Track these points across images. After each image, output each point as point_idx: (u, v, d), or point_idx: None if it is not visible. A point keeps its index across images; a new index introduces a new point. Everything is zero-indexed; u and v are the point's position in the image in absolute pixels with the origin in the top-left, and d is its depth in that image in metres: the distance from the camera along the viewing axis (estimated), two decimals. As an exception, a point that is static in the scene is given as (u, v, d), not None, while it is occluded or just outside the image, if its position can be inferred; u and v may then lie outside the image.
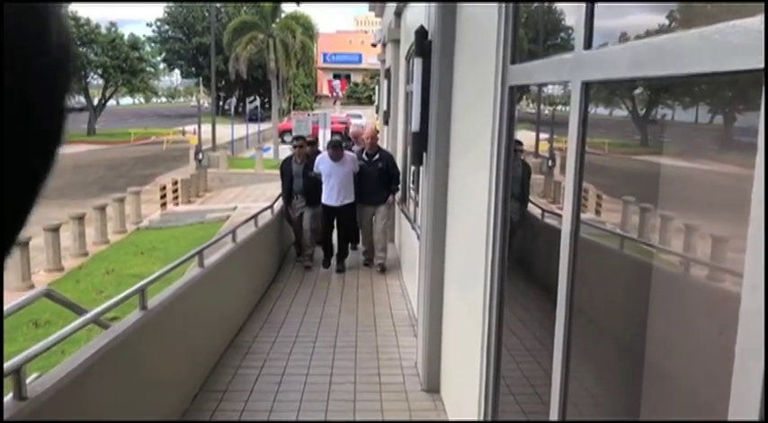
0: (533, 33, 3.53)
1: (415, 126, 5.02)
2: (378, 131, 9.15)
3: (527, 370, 3.63)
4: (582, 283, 2.20)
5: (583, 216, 2.57)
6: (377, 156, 8.75)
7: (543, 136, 3.98)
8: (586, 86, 2.06)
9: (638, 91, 2.41)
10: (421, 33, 4.93)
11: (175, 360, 4.43)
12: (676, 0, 1.94)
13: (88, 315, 3.27)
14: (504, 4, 3.07)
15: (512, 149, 3.16)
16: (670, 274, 2.13)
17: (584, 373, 2.47)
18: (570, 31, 2.28)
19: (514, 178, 3.28)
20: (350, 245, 9.28)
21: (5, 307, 3.19)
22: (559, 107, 3.31)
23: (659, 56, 1.52)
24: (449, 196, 4.70)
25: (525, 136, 3.78)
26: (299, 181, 8.97)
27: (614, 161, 2.78)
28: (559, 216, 2.34)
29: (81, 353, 3.06)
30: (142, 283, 3.89)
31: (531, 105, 4.17)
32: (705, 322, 1.80)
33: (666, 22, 1.90)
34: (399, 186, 9.12)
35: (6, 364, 2.46)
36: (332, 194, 8.55)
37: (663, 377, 2.00)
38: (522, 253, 3.60)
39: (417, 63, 4.88)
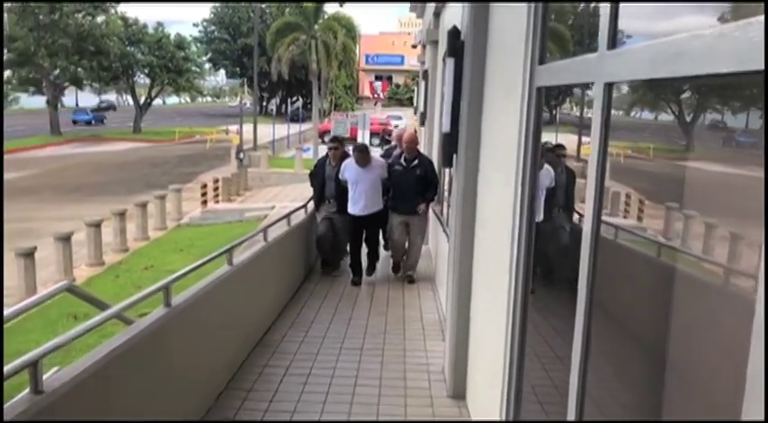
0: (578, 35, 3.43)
1: (445, 127, 4.95)
2: (417, 136, 8.56)
3: (558, 379, 3.53)
4: (616, 291, 2.12)
5: (624, 222, 2.49)
6: (415, 161, 8.09)
7: (586, 140, 3.87)
8: (609, 87, 1.97)
9: (685, 95, 2.29)
10: (454, 33, 4.86)
11: (199, 358, 4.45)
12: (684, 0, 1.84)
13: (110, 311, 3.29)
14: (533, 4, 2.98)
15: (538, 152, 3.07)
16: (710, 284, 2.03)
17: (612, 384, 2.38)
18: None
19: (559, 186, 3.09)
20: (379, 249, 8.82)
21: (27, 300, 3.23)
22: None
23: (680, 55, 1.43)
24: (478, 199, 4.62)
25: (568, 140, 3.68)
26: (331, 184, 8.39)
27: (658, 166, 2.67)
28: (608, 224, 2.23)
29: (101, 348, 3.08)
30: (166, 280, 3.91)
31: (574, 108, 4.06)
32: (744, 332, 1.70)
33: (718, 24, 1.81)
34: (436, 196, 8.54)
35: (23, 358, 2.48)
36: (358, 202, 7.98)
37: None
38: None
39: (449, 63, 4.81)
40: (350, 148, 8.68)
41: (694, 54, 1.35)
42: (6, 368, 2.42)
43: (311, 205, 8.91)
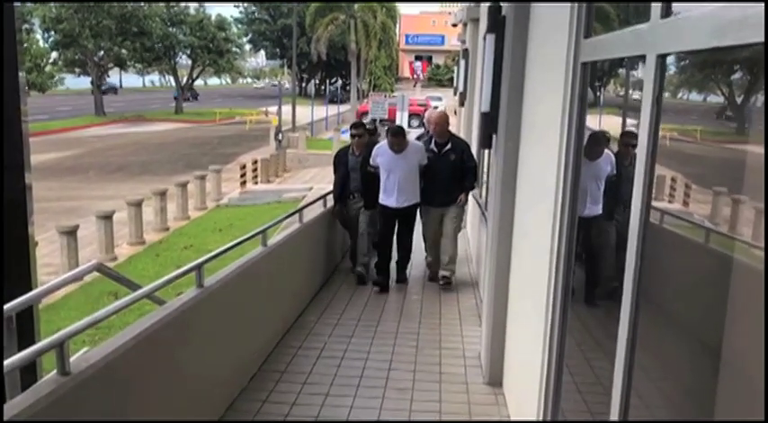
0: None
1: (484, 106, 4.79)
2: (447, 116, 7.49)
3: (599, 369, 3.38)
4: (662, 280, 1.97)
5: (670, 206, 2.32)
6: (448, 145, 7.05)
7: (631, 122, 3.66)
8: (662, 60, 1.81)
9: (736, 76, 2.10)
10: (495, 8, 4.67)
11: (232, 339, 4.41)
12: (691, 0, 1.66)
13: (140, 291, 3.25)
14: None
15: (583, 132, 2.90)
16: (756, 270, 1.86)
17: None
18: None
19: (626, 180, 2.72)
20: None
21: (58, 279, 3.21)
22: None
23: (744, 22, 1.27)
24: (518, 181, 4.46)
25: (612, 122, 3.49)
26: (356, 177, 7.34)
27: (706, 150, 2.47)
28: (654, 209, 2.07)
29: (131, 329, 3.04)
30: (198, 260, 3.86)
31: (619, 88, 3.86)
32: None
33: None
34: (475, 183, 7.56)
35: (51, 339, 2.45)
36: (392, 193, 6.95)
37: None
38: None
39: (489, 39, 4.64)
40: (381, 134, 7.84)
41: (759, 20, 1.19)
42: (33, 348, 2.39)
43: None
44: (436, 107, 33.10)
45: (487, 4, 8.30)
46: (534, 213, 3.76)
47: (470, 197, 7.87)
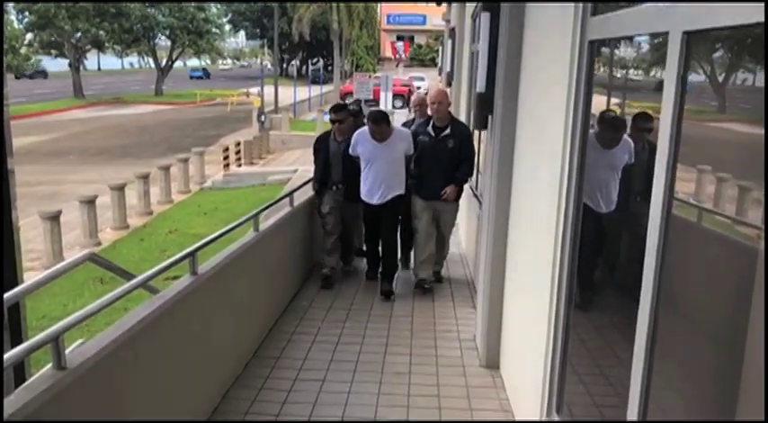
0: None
1: (480, 87, 4.70)
2: (446, 93, 6.79)
3: (594, 350, 3.35)
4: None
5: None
6: (447, 129, 6.13)
7: (614, 101, 3.60)
8: (688, 37, 1.74)
9: (717, 54, 2.04)
10: (490, -14, 4.57)
11: (227, 326, 4.34)
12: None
13: (134, 281, 3.15)
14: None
15: (589, 115, 2.84)
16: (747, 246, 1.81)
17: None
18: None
19: (638, 166, 2.44)
20: (399, 257, 6.84)
21: (51, 270, 3.10)
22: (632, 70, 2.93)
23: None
24: (515, 162, 4.40)
25: (596, 101, 3.41)
26: (337, 165, 6.49)
27: (688, 128, 2.42)
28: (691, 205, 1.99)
29: (126, 320, 2.95)
30: (192, 247, 3.77)
31: (602, 69, 3.79)
32: None
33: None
34: (469, 176, 6.66)
35: (45, 333, 2.36)
36: (372, 187, 6.12)
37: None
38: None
39: (485, 18, 4.54)
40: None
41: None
42: (28, 343, 2.30)
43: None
44: (419, 87, 32.81)
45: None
46: (536, 194, 3.70)
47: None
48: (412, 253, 6.77)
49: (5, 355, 2.21)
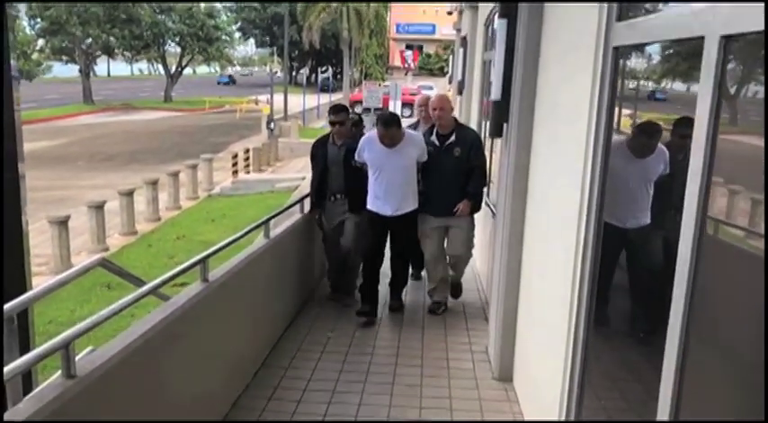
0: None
1: (495, 94, 4.63)
2: (448, 98, 6.26)
3: (612, 364, 3.27)
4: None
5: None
6: (452, 137, 5.63)
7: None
8: (726, 41, 1.67)
9: (729, 66, 1.96)
10: (507, -7, 4.52)
11: (236, 334, 4.27)
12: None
13: (145, 288, 3.10)
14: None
15: (612, 122, 2.77)
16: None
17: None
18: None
19: (676, 178, 2.17)
20: (410, 272, 6.37)
21: (62, 275, 3.05)
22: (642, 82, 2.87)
23: None
24: (530, 171, 4.33)
25: None
26: (338, 173, 5.83)
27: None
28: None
29: (137, 327, 2.89)
30: (203, 254, 3.70)
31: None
32: None
33: None
34: (483, 187, 6.02)
35: (54, 341, 2.30)
36: (384, 198, 5.52)
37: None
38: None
39: (501, 25, 4.48)
40: (366, 126, 6.46)
41: None
42: (37, 351, 2.24)
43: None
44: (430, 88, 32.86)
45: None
46: (554, 204, 3.63)
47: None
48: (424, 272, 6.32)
49: (14, 363, 2.14)
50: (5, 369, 2.11)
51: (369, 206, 5.62)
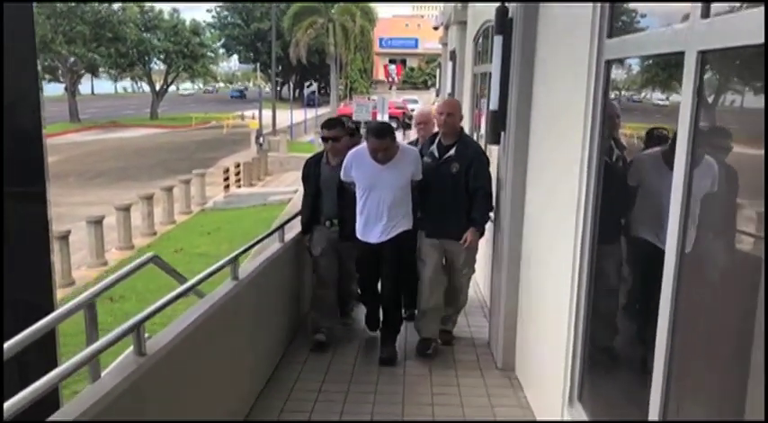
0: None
1: (493, 105, 5.02)
2: (459, 103, 5.66)
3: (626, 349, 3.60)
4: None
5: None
6: (452, 150, 5.07)
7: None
8: (702, 56, 2.04)
9: (707, 76, 2.32)
10: (502, 10, 4.91)
11: (261, 329, 4.61)
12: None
13: (187, 284, 3.46)
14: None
15: (604, 132, 3.13)
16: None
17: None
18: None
19: (714, 195, 2.09)
20: (404, 310, 5.47)
21: (119, 272, 3.40)
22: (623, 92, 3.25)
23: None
24: (528, 175, 4.70)
25: None
26: (330, 195, 5.21)
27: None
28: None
29: (187, 316, 3.25)
30: (233, 254, 4.04)
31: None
32: None
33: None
34: (490, 211, 5.19)
35: (127, 323, 2.65)
36: (369, 221, 4.87)
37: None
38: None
39: (497, 41, 4.87)
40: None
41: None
42: (115, 332, 2.58)
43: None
44: (413, 109, 33.21)
45: (475, 6, 8.55)
46: (551, 205, 4.00)
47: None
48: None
49: (95, 345, 2.47)
50: (90, 348, 2.43)
51: (357, 234, 4.96)
